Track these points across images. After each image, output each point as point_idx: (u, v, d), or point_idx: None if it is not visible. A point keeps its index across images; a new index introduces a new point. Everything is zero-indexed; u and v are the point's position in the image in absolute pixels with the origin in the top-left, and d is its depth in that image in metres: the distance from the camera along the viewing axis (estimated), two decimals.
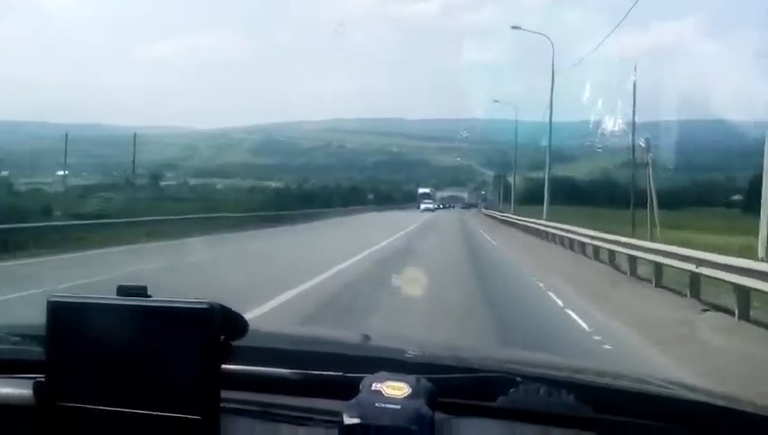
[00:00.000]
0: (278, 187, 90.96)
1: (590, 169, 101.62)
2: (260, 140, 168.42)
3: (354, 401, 1.06)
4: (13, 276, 11.97)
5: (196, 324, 1.03)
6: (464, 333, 7.59)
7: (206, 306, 1.03)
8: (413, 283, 10.79)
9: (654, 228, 19.67)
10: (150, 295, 1.08)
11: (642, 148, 22.43)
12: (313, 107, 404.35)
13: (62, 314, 1.08)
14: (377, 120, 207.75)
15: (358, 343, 1.71)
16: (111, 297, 1.08)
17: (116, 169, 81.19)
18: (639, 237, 16.69)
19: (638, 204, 23.58)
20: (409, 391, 1.07)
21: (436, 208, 77.26)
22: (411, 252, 19.40)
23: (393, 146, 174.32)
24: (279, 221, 34.46)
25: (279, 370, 1.25)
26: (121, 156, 77.20)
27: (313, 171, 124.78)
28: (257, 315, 7.55)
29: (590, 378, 1.54)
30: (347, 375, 1.19)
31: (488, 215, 57.94)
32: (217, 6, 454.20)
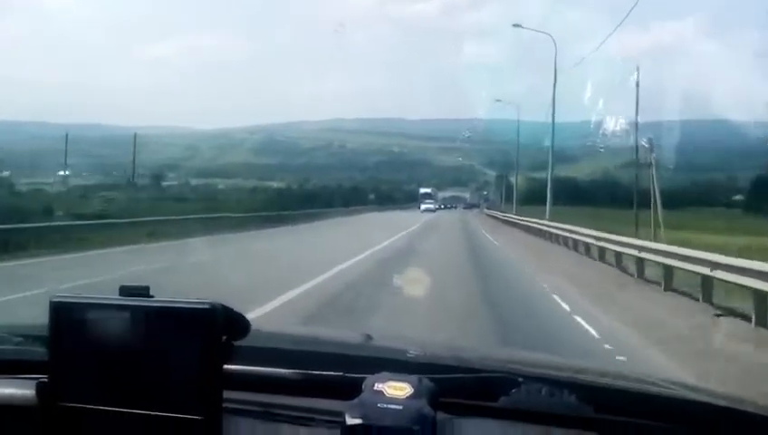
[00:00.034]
0: (279, 187, 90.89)
1: (591, 170, 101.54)
2: (261, 140, 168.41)
3: (356, 401, 1.06)
4: (16, 277, 12.00)
5: (198, 325, 1.03)
6: (466, 335, 7.52)
7: (208, 307, 1.03)
8: (414, 283, 10.77)
9: (658, 229, 19.62)
10: (153, 296, 1.08)
11: (645, 148, 22.39)
12: (313, 107, 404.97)
13: (64, 314, 1.08)
14: (377, 121, 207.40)
15: (359, 343, 1.71)
16: (114, 298, 1.08)
17: (116, 170, 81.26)
18: (643, 238, 16.60)
19: (640, 204, 23.56)
20: (411, 391, 1.07)
21: (438, 209, 75.91)
22: (413, 252, 19.39)
23: (394, 146, 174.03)
24: (280, 221, 34.52)
25: (281, 370, 1.25)
26: (122, 156, 77.26)
27: (314, 171, 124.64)
28: (259, 315, 7.55)
29: (591, 378, 1.54)
30: (349, 375, 1.19)
31: (490, 215, 57.87)
32: (217, 6, 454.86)
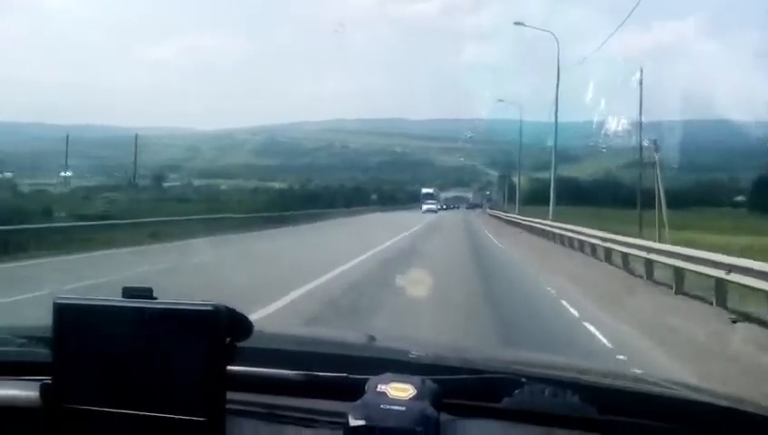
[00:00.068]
0: (281, 187, 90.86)
1: (594, 170, 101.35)
2: (263, 140, 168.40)
3: (359, 402, 1.06)
4: (18, 278, 12.03)
5: (202, 326, 1.03)
6: (467, 337, 7.50)
7: (211, 308, 1.03)
8: (417, 284, 10.76)
9: (663, 229, 19.57)
10: (156, 297, 1.08)
11: (649, 147, 22.35)
12: (314, 107, 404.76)
13: (68, 315, 1.08)
14: (378, 121, 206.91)
15: (362, 344, 1.71)
16: (117, 299, 1.08)
17: (118, 171, 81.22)
18: (647, 238, 16.51)
19: (643, 204, 23.53)
20: (414, 392, 1.07)
21: (440, 209, 74.89)
22: (415, 253, 19.35)
23: (396, 146, 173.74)
24: (283, 222, 34.54)
25: (284, 371, 1.25)
26: (123, 157, 77.28)
27: (316, 172, 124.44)
28: (262, 317, 7.54)
29: (594, 379, 1.54)
30: (352, 376, 1.19)
31: (493, 215, 57.82)
32: (217, 6, 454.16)
